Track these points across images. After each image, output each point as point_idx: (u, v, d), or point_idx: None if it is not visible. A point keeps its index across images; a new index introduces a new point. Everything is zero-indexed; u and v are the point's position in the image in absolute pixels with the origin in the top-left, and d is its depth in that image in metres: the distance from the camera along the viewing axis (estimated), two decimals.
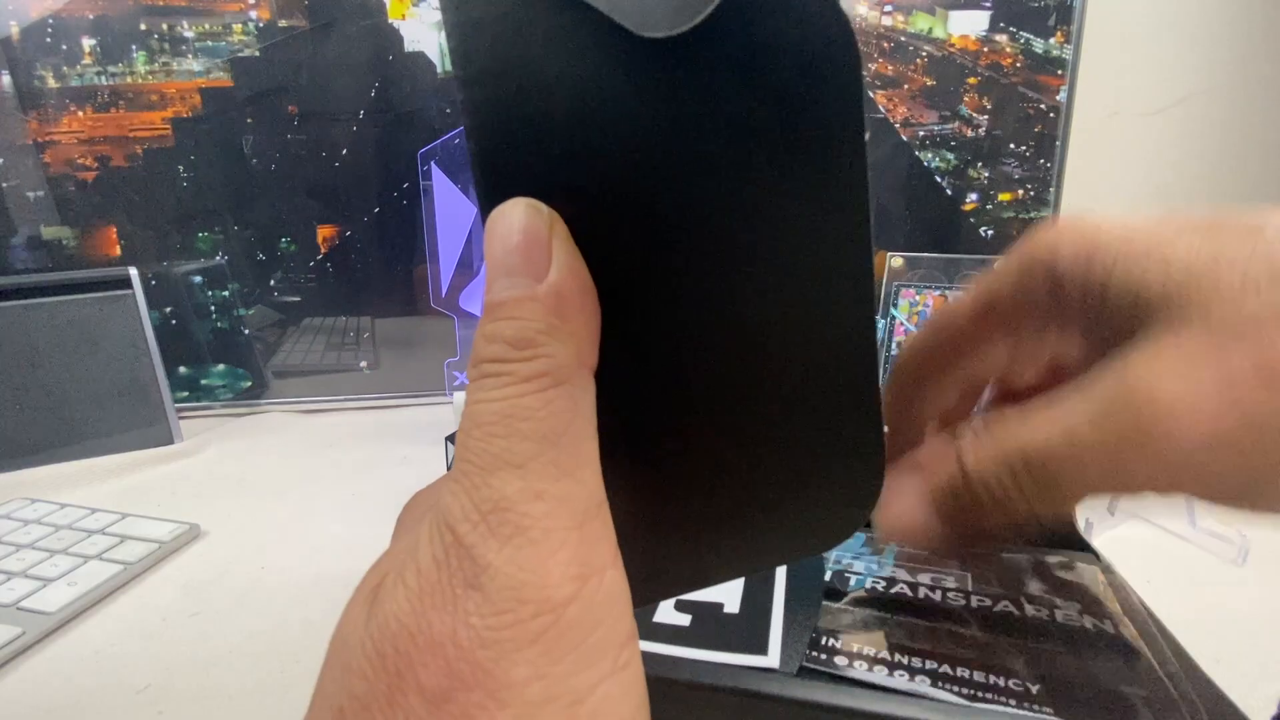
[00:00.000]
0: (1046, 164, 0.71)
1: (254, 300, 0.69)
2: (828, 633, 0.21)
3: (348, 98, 0.65)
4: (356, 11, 0.64)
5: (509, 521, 0.11)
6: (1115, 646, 0.19)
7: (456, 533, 0.11)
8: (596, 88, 0.12)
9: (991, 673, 0.18)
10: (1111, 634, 0.20)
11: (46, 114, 0.63)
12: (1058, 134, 0.70)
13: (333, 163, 0.66)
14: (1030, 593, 0.22)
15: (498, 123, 0.13)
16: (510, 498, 0.11)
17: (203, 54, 0.63)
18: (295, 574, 0.39)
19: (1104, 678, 0.18)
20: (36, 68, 0.62)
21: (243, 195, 0.66)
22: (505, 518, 0.11)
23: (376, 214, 0.68)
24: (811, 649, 0.20)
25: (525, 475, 0.11)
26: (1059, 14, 0.68)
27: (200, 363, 0.69)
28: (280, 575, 0.39)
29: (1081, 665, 0.19)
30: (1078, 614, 0.21)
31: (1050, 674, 0.18)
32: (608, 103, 0.12)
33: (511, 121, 0.12)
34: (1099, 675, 0.18)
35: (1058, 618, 0.21)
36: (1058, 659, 0.19)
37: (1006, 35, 0.68)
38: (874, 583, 0.22)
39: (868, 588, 0.22)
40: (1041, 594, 0.22)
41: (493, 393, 0.12)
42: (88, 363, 0.57)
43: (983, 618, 0.20)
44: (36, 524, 0.43)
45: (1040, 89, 0.69)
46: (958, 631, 0.20)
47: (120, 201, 0.65)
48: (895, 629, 0.20)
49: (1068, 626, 0.20)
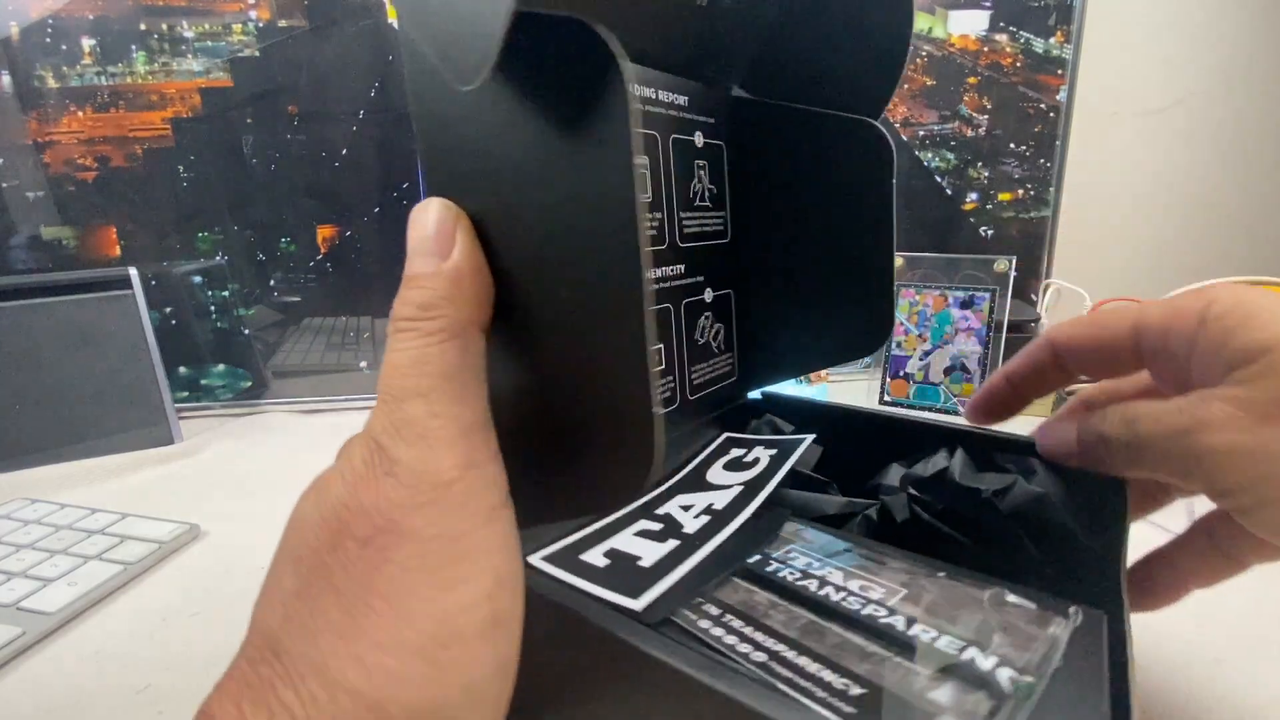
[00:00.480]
0: (1046, 164, 0.71)
1: (254, 300, 0.69)
2: (716, 601, 0.21)
3: (347, 98, 0.65)
4: (356, 11, 0.64)
5: (415, 432, 0.16)
6: (972, 680, 0.17)
7: (379, 441, 0.16)
8: (468, 124, 0.17)
9: (831, 670, 0.18)
10: (981, 672, 0.18)
11: (46, 114, 0.63)
12: (1058, 134, 0.70)
13: (332, 163, 0.66)
14: (948, 620, 0.20)
15: (430, 150, 0.18)
16: (417, 417, 0.16)
17: (202, 54, 0.63)
18: None
19: (932, 703, 0.17)
20: (36, 68, 0.62)
21: (242, 195, 0.66)
22: (413, 429, 0.16)
23: (376, 214, 0.68)
24: (685, 608, 0.20)
25: (428, 402, 0.16)
26: (1059, 14, 0.68)
27: (200, 363, 0.69)
28: None
29: (918, 686, 0.17)
30: (967, 647, 0.19)
31: (878, 686, 0.17)
32: (474, 134, 0.17)
33: (436, 149, 0.18)
34: (932, 700, 0.17)
35: (939, 644, 0.19)
36: (907, 675, 0.18)
37: (1006, 35, 0.68)
38: (793, 575, 0.22)
39: (780, 576, 0.22)
40: (965, 626, 0.20)
41: (405, 343, 0.17)
42: (88, 363, 0.57)
43: (867, 626, 0.20)
44: (36, 524, 0.43)
45: (1040, 89, 0.69)
46: (829, 628, 0.20)
47: (120, 201, 0.65)
48: (775, 612, 0.20)
49: (939, 651, 0.19)
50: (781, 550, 0.24)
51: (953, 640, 0.19)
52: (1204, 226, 0.83)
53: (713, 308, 0.30)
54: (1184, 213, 0.83)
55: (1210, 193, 0.82)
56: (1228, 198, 0.82)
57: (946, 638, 0.19)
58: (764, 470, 0.26)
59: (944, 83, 0.69)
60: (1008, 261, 0.59)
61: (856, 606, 0.21)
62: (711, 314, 0.30)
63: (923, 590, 0.21)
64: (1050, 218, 0.72)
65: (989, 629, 0.19)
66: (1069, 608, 0.20)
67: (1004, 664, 0.18)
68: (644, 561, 0.22)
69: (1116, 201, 0.81)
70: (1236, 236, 0.83)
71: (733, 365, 0.32)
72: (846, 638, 0.19)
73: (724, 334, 0.31)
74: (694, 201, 0.29)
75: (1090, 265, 0.81)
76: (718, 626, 0.20)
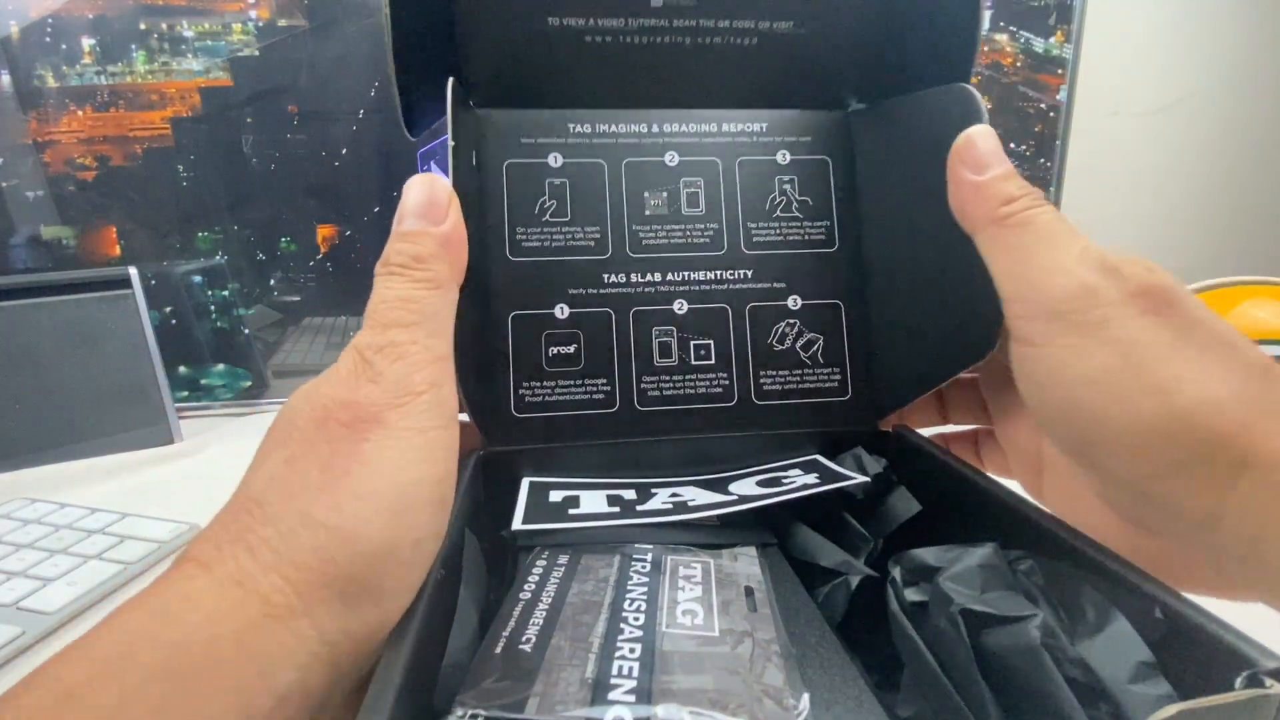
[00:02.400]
0: (1046, 163, 0.71)
1: (254, 300, 0.69)
2: (565, 562, 0.23)
3: (347, 97, 0.65)
4: (356, 10, 0.64)
5: (396, 353, 0.19)
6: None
7: (365, 356, 0.19)
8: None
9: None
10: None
11: (46, 113, 0.63)
12: (1058, 133, 0.70)
13: (332, 162, 0.66)
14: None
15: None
16: (400, 341, 0.19)
17: (202, 53, 0.63)
18: None
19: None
20: (36, 67, 0.62)
21: (242, 195, 0.66)
22: (395, 351, 0.19)
23: (376, 213, 0.68)
24: (536, 554, 0.23)
25: (409, 332, 0.20)
26: (1059, 13, 0.68)
27: (200, 362, 0.69)
28: None
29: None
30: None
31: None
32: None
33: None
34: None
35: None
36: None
37: (1007, 34, 0.68)
38: (641, 581, 0.22)
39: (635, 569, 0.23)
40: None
41: (395, 285, 0.21)
42: (88, 362, 0.57)
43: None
44: (36, 524, 0.43)
45: (1040, 88, 0.69)
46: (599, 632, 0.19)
47: (120, 201, 0.65)
48: (587, 605, 0.20)
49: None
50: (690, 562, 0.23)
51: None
52: (1204, 226, 0.83)
53: (800, 315, 0.30)
54: (1184, 213, 0.83)
55: (1210, 193, 0.82)
56: (1228, 198, 0.82)
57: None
58: (783, 490, 0.25)
59: None
60: None
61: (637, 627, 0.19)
62: (799, 322, 0.30)
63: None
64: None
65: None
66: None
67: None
68: (575, 509, 0.24)
69: (1116, 201, 0.81)
70: (1236, 236, 0.83)
71: (841, 383, 0.30)
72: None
73: (822, 346, 0.30)
74: (773, 212, 0.30)
75: None
76: (529, 581, 0.21)
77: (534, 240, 0.29)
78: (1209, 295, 0.53)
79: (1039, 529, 0.20)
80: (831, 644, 0.19)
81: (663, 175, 0.30)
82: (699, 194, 0.30)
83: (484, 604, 0.21)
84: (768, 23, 0.29)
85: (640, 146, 0.30)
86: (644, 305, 0.29)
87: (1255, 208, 0.83)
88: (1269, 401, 0.18)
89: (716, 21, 0.28)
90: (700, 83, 0.30)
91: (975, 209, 0.23)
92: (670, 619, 0.19)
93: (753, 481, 0.27)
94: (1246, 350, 0.19)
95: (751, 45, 0.29)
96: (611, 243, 0.29)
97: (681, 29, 0.28)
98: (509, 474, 0.27)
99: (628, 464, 0.28)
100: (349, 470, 0.17)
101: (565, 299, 0.29)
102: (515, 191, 0.29)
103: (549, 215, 0.29)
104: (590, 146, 0.30)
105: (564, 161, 0.29)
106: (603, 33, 0.28)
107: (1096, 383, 0.19)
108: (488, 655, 0.17)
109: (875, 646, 0.22)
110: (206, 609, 0.15)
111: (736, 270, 0.30)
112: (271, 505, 0.17)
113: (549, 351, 0.28)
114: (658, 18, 0.28)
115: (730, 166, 0.30)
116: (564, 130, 0.29)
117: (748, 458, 0.29)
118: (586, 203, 0.29)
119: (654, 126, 0.30)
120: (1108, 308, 0.19)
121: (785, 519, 0.26)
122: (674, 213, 0.30)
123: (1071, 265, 0.20)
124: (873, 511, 0.26)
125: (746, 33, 0.29)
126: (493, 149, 0.29)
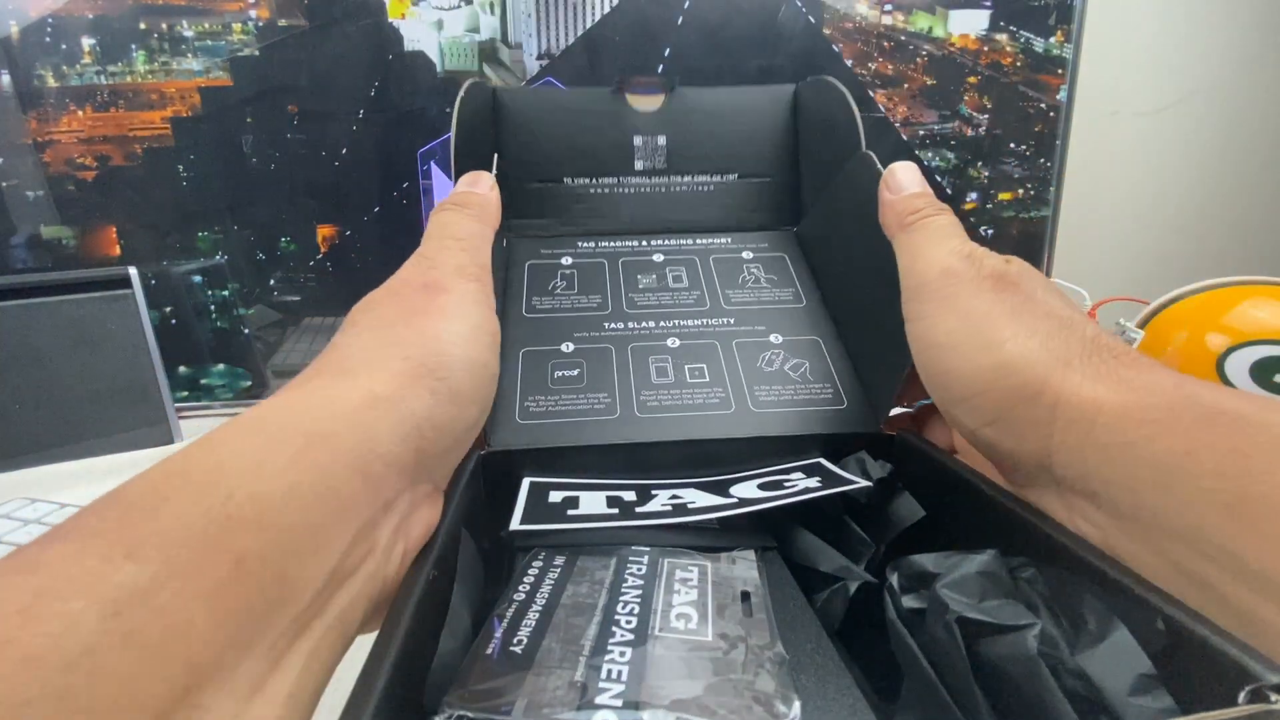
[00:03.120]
0: (1046, 163, 0.71)
1: (254, 300, 0.69)
2: (561, 564, 0.24)
3: (347, 97, 0.65)
4: (356, 11, 0.64)
5: (452, 254, 0.26)
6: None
7: (425, 254, 0.26)
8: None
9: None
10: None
11: (46, 113, 0.63)
12: (1058, 133, 0.70)
13: (332, 162, 0.66)
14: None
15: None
16: (453, 248, 0.26)
17: (202, 53, 0.63)
18: None
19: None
20: (36, 67, 0.62)
21: (242, 195, 0.66)
22: (451, 252, 0.26)
23: (376, 213, 0.68)
24: (533, 555, 0.24)
25: (461, 245, 0.26)
26: (1059, 13, 0.68)
27: (200, 362, 0.69)
28: None
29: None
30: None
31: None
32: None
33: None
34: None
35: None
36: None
37: (1007, 34, 0.68)
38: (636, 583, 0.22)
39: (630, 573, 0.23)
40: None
41: (448, 215, 0.28)
42: (88, 362, 0.57)
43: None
44: (37, 524, 0.43)
45: (1040, 88, 0.69)
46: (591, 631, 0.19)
47: (120, 201, 0.65)
48: (580, 604, 0.21)
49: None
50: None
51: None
52: (1205, 226, 0.83)
53: (784, 347, 0.34)
54: (1185, 212, 0.83)
55: (1211, 192, 0.82)
56: (1229, 198, 0.82)
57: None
58: (784, 494, 0.25)
59: (944, 82, 0.69)
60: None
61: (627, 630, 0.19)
62: (783, 351, 0.34)
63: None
64: (1050, 217, 0.72)
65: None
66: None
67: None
68: (574, 510, 0.25)
69: (1117, 201, 0.81)
70: (1237, 236, 0.83)
71: (834, 394, 0.31)
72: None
73: (809, 368, 0.33)
74: (744, 285, 0.37)
75: (1090, 265, 0.81)
76: (524, 582, 0.21)
77: (546, 304, 0.35)
78: (1209, 295, 0.53)
79: (1043, 536, 0.20)
80: (827, 651, 0.19)
81: (651, 266, 0.38)
82: (682, 274, 0.38)
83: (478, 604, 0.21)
84: (719, 176, 0.42)
85: (633, 252, 0.38)
86: (641, 342, 0.33)
87: (1256, 208, 0.82)
88: (1069, 352, 0.21)
89: (682, 177, 0.41)
90: (675, 217, 0.41)
91: (890, 220, 0.28)
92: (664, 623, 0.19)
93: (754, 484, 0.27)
94: (1073, 319, 0.22)
95: (710, 191, 0.42)
96: (611, 305, 0.35)
97: (658, 183, 0.41)
98: (510, 474, 0.27)
99: (628, 465, 0.29)
100: (429, 310, 0.23)
101: (571, 339, 0.33)
102: (533, 280, 0.36)
103: (559, 290, 0.36)
104: (594, 252, 0.38)
105: (573, 261, 0.37)
106: (602, 186, 0.41)
107: (946, 345, 0.23)
108: (478, 656, 0.17)
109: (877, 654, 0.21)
110: (327, 396, 0.19)
111: (720, 319, 0.35)
112: (369, 334, 0.22)
113: (554, 374, 0.31)
114: (640, 176, 0.41)
115: (706, 262, 0.38)
116: (574, 246, 0.38)
117: (750, 461, 0.29)
118: (591, 281, 0.36)
119: (643, 242, 0.39)
120: (960, 285, 0.23)
121: (786, 523, 0.26)
122: (662, 286, 0.37)
123: (942, 255, 0.25)
124: (876, 516, 0.26)
125: (705, 183, 0.42)
126: (517, 255, 0.37)
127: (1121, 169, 0.80)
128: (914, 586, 0.20)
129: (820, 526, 0.26)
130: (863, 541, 0.25)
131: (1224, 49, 0.77)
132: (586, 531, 0.24)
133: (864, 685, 0.19)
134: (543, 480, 0.27)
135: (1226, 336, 0.48)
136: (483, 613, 0.20)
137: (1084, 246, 0.79)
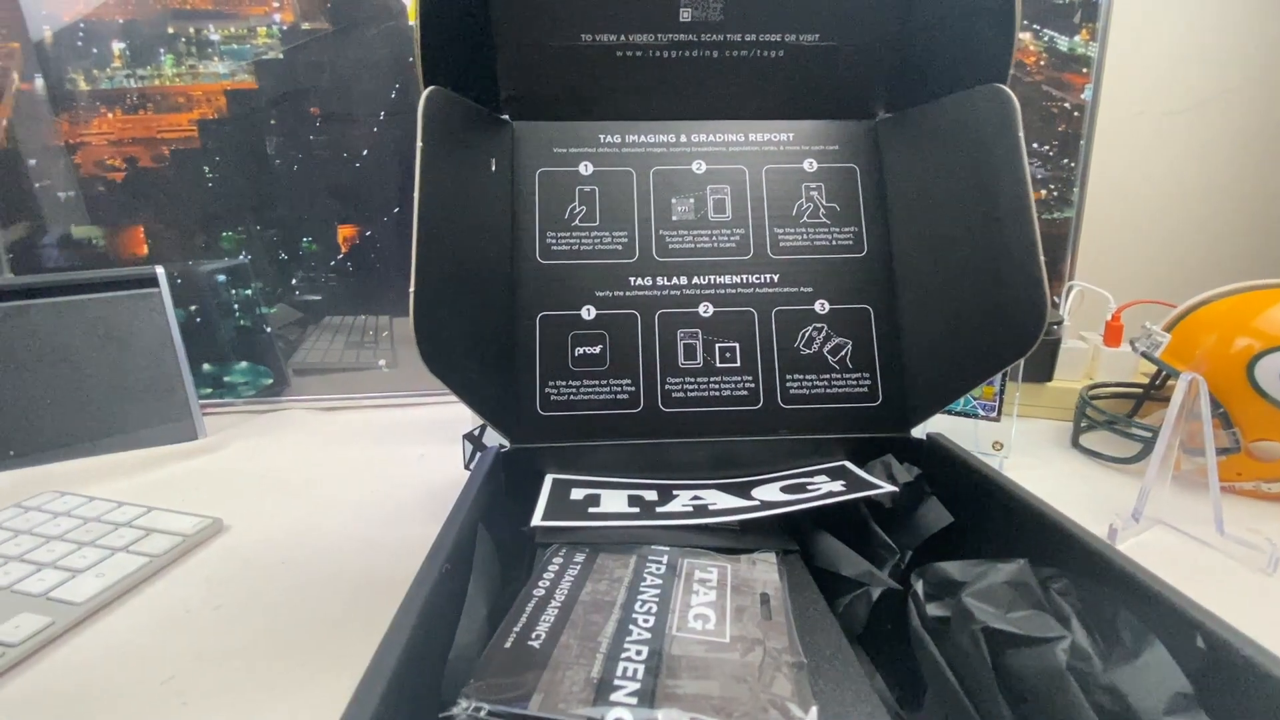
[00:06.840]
0: (1070, 163, 0.70)
1: (276, 299, 0.70)
2: (582, 562, 0.24)
3: (369, 99, 0.66)
4: (378, 14, 0.65)
5: None
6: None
7: None
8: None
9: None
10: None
11: (77, 116, 0.64)
12: (1082, 133, 0.69)
13: (354, 163, 0.67)
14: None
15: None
16: None
17: (228, 57, 0.64)
18: (314, 567, 0.40)
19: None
20: (68, 71, 0.63)
21: (266, 195, 0.67)
22: None
23: (396, 214, 0.69)
24: (554, 552, 0.24)
25: None
26: (1084, 11, 0.67)
27: (224, 360, 0.70)
28: (299, 569, 0.40)
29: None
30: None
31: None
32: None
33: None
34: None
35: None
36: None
37: (1030, 33, 0.67)
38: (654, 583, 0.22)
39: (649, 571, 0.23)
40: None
41: None
42: (115, 359, 0.58)
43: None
44: (66, 516, 0.44)
45: (1064, 87, 0.68)
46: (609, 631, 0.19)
47: (148, 201, 0.66)
48: (598, 604, 0.21)
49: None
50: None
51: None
52: (1230, 228, 0.81)
53: (828, 320, 0.30)
54: (1210, 214, 0.81)
55: (1237, 194, 0.80)
56: (1255, 199, 0.80)
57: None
58: (807, 498, 0.25)
59: None
60: None
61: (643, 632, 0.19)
62: (826, 326, 0.30)
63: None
64: (1074, 218, 0.71)
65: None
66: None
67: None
68: (596, 508, 0.25)
69: (1141, 202, 0.80)
70: (1263, 238, 0.81)
71: (870, 388, 0.30)
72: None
73: (850, 351, 0.30)
74: (800, 218, 0.31)
75: (1114, 267, 0.80)
76: (544, 577, 0.21)
77: (563, 244, 0.30)
78: (1239, 299, 0.51)
79: (1076, 544, 0.19)
80: (847, 656, 0.19)
81: (690, 182, 0.31)
82: (725, 200, 0.31)
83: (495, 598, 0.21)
84: (794, 36, 0.29)
85: (668, 155, 0.31)
86: (670, 308, 0.30)
87: None
88: None
89: (744, 36, 0.29)
90: (728, 95, 0.31)
91: None
92: (681, 623, 0.19)
93: (777, 487, 0.27)
94: None
95: (778, 58, 0.30)
96: (639, 246, 0.30)
97: (710, 43, 0.29)
98: (532, 470, 0.27)
99: (651, 464, 0.29)
100: None
101: (593, 300, 0.29)
102: (546, 198, 0.30)
103: (578, 220, 0.30)
104: (619, 155, 0.30)
105: (594, 169, 0.30)
106: (633, 48, 0.29)
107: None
108: (497, 649, 0.17)
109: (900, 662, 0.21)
110: None
111: (763, 274, 0.30)
112: None
113: (575, 351, 0.29)
114: (687, 33, 0.29)
115: (757, 174, 0.31)
116: (594, 140, 0.31)
117: (774, 462, 0.29)
118: (615, 208, 0.30)
119: (682, 137, 0.31)
120: None
121: (809, 526, 0.26)
122: (700, 218, 0.30)
123: None
124: (903, 521, 0.26)
125: (773, 46, 0.29)
126: (526, 158, 0.30)
127: (1147, 169, 0.79)
128: (939, 594, 0.20)
129: (844, 530, 0.26)
130: (887, 546, 0.25)
131: (1256, 45, 0.76)
132: (607, 529, 0.24)
133: (885, 693, 0.19)
134: (565, 478, 0.27)
135: (1257, 340, 0.47)
136: (500, 607, 0.21)
137: (1108, 248, 0.78)
